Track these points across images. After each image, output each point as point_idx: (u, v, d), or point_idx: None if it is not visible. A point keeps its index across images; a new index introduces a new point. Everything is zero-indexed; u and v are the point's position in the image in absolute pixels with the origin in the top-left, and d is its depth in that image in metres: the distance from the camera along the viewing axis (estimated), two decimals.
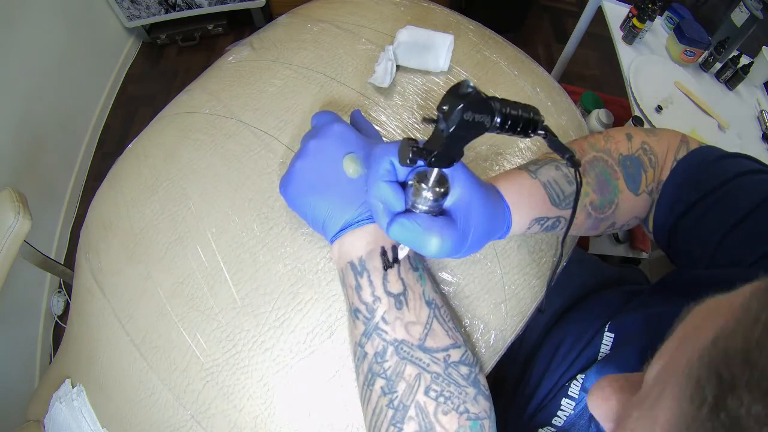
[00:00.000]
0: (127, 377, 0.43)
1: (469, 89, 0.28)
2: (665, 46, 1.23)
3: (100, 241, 0.47)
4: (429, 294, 0.37)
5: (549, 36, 2.14)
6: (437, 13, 0.62)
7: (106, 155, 1.68)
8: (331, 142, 0.38)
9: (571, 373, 0.45)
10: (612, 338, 0.43)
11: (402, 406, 0.34)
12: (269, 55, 0.55)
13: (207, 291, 0.41)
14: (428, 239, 0.31)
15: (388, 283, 0.35)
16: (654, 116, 1.08)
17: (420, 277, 0.37)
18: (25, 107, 1.33)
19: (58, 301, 1.39)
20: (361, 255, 0.36)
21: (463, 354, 0.37)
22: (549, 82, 0.60)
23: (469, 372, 0.36)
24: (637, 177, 0.44)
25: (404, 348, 0.34)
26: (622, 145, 0.45)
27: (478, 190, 0.34)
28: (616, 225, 0.45)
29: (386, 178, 0.33)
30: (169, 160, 0.48)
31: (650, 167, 0.45)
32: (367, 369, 0.36)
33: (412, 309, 0.35)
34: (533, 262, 0.47)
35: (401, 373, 0.34)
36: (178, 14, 1.83)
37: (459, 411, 0.34)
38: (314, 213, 0.37)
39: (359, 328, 0.36)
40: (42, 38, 1.40)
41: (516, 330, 0.46)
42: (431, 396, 0.34)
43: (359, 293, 0.35)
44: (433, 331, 0.36)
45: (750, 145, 1.13)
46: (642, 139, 0.45)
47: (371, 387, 0.35)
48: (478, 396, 0.36)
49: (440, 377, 0.35)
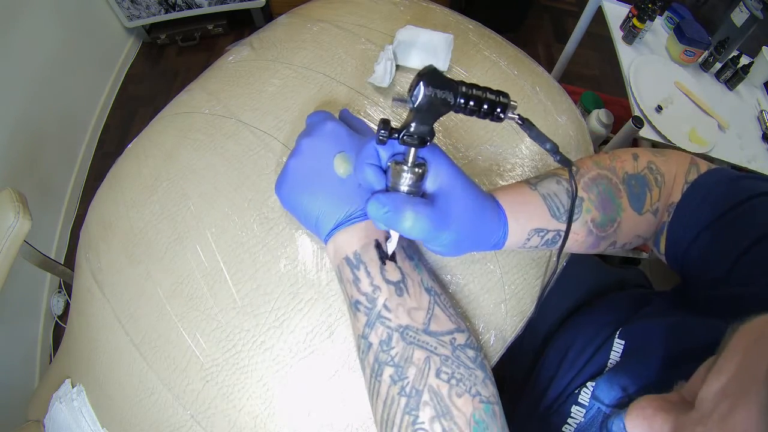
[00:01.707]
0: (127, 377, 0.43)
1: (430, 68, 0.30)
2: (665, 46, 1.23)
3: (100, 241, 0.47)
4: (427, 282, 0.37)
5: (549, 36, 2.14)
6: (437, 13, 0.62)
7: (106, 155, 1.68)
8: (323, 141, 0.38)
9: (581, 378, 0.44)
10: (622, 345, 0.43)
11: (415, 391, 0.33)
12: (269, 55, 0.55)
13: (207, 291, 0.41)
14: (402, 214, 0.32)
15: (386, 272, 0.35)
16: (654, 116, 1.08)
17: (416, 266, 0.37)
18: (25, 107, 1.33)
19: (58, 301, 1.39)
20: (356, 249, 0.36)
21: (467, 338, 0.37)
22: (549, 82, 0.60)
23: (475, 355, 0.36)
24: (641, 196, 0.43)
25: (409, 333, 0.34)
26: (627, 165, 0.44)
27: (458, 175, 0.35)
28: (617, 244, 0.45)
29: (369, 161, 0.35)
30: (168, 160, 0.48)
31: (656, 186, 0.44)
32: (374, 359, 0.35)
33: (413, 295, 0.35)
34: (533, 262, 0.47)
35: (410, 358, 0.34)
36: (178, 14, 1.83)
37: (471, 393, 0.34)
38: (307, 212, 0.37)
39: (361, 320, 0.35)
40: (42, 38, 1.40)
41: (516, 330, 0.46)
42: (443, 378, 0.33)
43: (358, 285, 0.35)
44: (435, 316, 0.36)
45: (750, 145, 1.13)
46: (649, 159, 0.45)
47: (379, 378, 0.34)
48: (486, 380, 0.36)
49: (449, 359, 0.34)
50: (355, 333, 0.37)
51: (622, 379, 0.40)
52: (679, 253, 0.44)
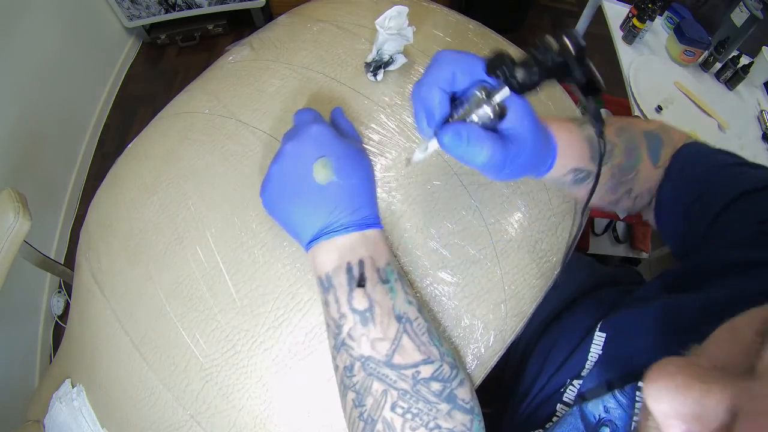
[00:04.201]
0: (126, 377, 0.43)
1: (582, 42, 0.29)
2: (665, 46, 1.23)
3: (100, 241, 0.47)
4: (400, 308, 0.36)
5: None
6: (437, 13, 0.62)
7: (106, 155, 1.68)
8: (305, 145, 0.37)
9: (563, 375, 0.44)
10: (603, 337, 0.42)
11: (371, 419, 0.34)
12: (269, 55, 0.55)
13: (206, 291, 0.41)
14: (481, 147, 0.31)
15: (353, 299, 0.35)
16: (654, 116, 1.08)
17: (390, 290, 0.36)
18: (25, 107, 1.33)
19: (58, 301, 1.39)
20: (328, 270, 0.35)
21: (435, 370, 0.35)
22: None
23: (442, 388, 0.35)
24: (657, 150, 0.47)
25: (370, 364, 0.34)
26: (642, 125, 0.48)
27: (535, 125, 0.34)
28: (633, 192, 0.47)
29: (441, 85, 0.32)
30: (168, 160, 0.48)
31: (667, 145, 0.47)
32: (339, 381, 0.36)
33: (378, 324, 0.34)
34: (533, 262, 0.47)
35: (369, 388, 0.34)
36: (178, 14, 1.83)
37: (429, 427, 0.34)
38: (287, 220, 0.37)
39: (330, 342, 0.36)
40: (42, 38, 1.40)
41: (516, 330, 0.46)
42: (398, 412, 0.34)
43: (328, 309, 0.36)
44: (401, 347, 0.35)
45: (750, 145, 1.13)
46: (658, 124, 0.49)
47: (345, 398, 0.36)
48: (452, 411, 0.35)
49: (407, 394, 0.34)
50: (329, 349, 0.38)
51: (607, 372, 0.40)
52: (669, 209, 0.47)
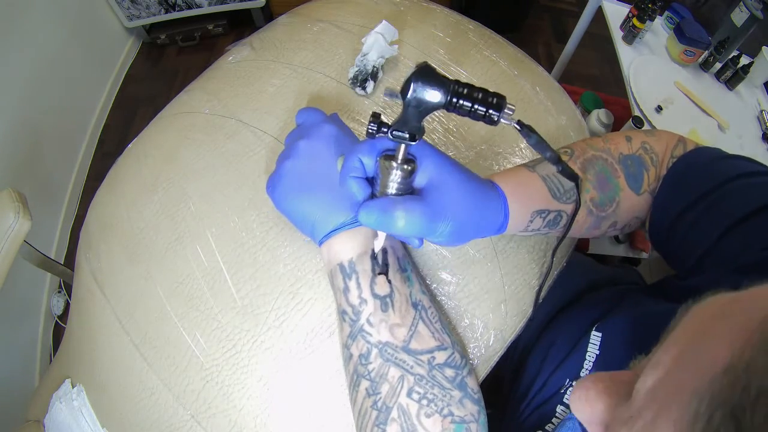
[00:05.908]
0: (127, 377, 0.43)
1: (423, 64, 0.30)
2: (665, 46, 1.23)
3: (100, 241, 0.47)
4: (416, 296, 0.37)
5: (549, 36, 2.14)
6: (437, 13, 0.62)
7: (106, 155, 1.68)
8: (323, 143, 0.37)
9: (561, 374, 0.44)
10: (600, 338, 0.42)
11: (385, 407, 0.34)
12: (269, 55, 0.55)
13: (207, 291, 0.41)
14: (393, 214, 0.32)
15: (375, 285, 0.35)
16: (654, 116, 1.08)
17: (407, 279, 0.37)
18: (25, 107, 1.33)
19: (58, 301, 1.39)
20: (351, 257, 0.36)
21: (449, 356, 0.36)
22: (549, 82, 0.60)
23: (455, 375, 0.36)
24: (639, 176, 0.44)
25: (388, 350, 0.34)
26: (622, 146, 0.44)
27: (448, 164, 0.34)
28: (618, 225, 0.45)
29: (353, 173, 0.34)
30: (169, 160, 0.48)
31: (652, 166, 0.44)
32: (353, 370, 0.36)
33: (397, 311, 0.35)
34: (533, 262, 0.47)
35: (385, 375, 0.34)
36: (178, 14, 1.83)
37: (443, 414, 0.34)
38: (303, 215, 0.37)
39: (345, 330, 0.36)
40: (42, 38, 1.40)
41: (516, 330, 0.46)
42: (414, 398, 0.34)
43: (347, 295, 0.36)
44: (418, 333, 0.36)
45: (750, 145, 1.13)
46: (642, 140, 0.45)
47: (357, 388, 0.36)
48: (464, 399, 0.36)
49: (424, 379, 0.35)
50: (340, 340, 0.38)
51: None
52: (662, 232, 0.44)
